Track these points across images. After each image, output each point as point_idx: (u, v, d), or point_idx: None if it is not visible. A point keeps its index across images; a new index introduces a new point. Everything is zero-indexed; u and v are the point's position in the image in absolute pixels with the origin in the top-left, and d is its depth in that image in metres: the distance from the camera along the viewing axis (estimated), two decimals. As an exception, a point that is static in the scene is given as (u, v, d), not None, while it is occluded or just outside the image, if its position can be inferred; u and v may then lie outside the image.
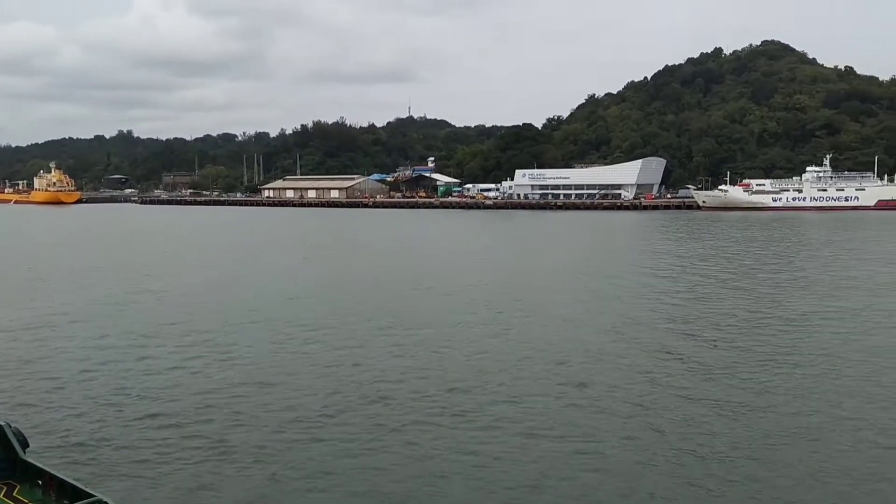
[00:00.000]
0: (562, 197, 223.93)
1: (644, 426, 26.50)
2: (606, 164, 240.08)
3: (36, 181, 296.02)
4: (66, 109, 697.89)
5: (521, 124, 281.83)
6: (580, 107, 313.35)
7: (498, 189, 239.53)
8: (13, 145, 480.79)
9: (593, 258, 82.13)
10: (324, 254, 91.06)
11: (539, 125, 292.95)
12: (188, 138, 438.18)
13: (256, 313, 49.24)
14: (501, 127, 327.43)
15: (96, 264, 78.46)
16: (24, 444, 21.38)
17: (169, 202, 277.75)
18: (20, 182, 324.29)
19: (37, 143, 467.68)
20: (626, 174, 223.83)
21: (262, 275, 69.07)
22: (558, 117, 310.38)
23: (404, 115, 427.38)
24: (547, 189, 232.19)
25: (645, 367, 34.30)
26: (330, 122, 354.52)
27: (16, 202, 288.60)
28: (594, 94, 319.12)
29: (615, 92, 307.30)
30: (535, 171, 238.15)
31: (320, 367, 35.60)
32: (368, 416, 28.43)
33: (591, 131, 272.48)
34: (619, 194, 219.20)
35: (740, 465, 22.93)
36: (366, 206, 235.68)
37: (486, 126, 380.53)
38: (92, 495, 17.26)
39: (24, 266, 77.61)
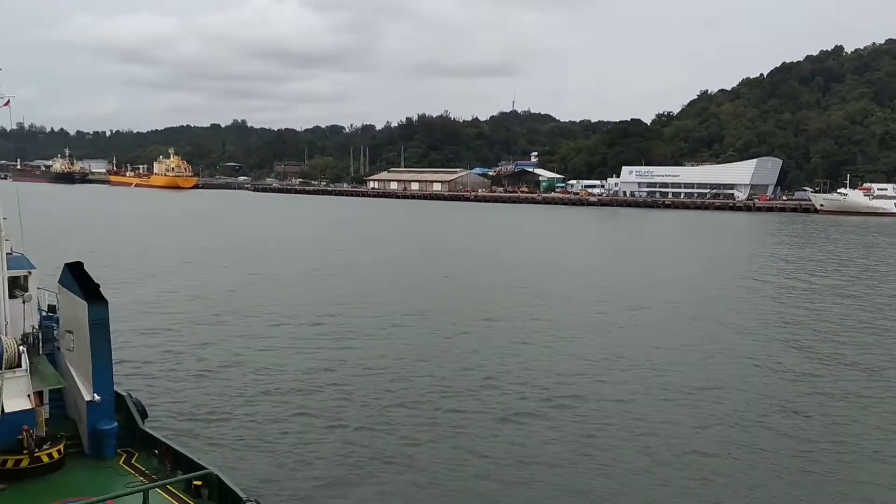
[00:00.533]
0: (670, 195, 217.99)
1: (744, 435, 25.88)
2: (718, 162, 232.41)
3: (155, 166, 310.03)
4: (185, 98, 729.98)
5: (628, 120, 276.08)
6: (692, 103, 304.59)
7: (603, 186, 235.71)
8: (134, 131, 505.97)
9: (703, 261, 79.98)
10: (433, 246, 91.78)
11: (648, 121, 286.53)
12: (298, 129, 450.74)
13: (364, 299, 50.30)
14: (608, 122, 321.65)
15: (215, 246, 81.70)
16: (144, 415, 22.51)
17: (279, 190, 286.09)
18: (141, 166, 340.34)
19: (156, 130, 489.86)
20: (739, 174, 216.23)
21: (371, 264, 70.49)
22: (668, 113, 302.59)
23: (508, 110, 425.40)
24: (655, 187, 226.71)
25: (747, 375, 33.49)
26: (434, 116, 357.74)
27: (136, 185, 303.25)
28: (707, 90, 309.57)
29: (729, 88, 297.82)
30: (643, 169, 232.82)
31: (428, 354, 36.11)
32: (476, 402, 28.71)
33: (703, 128, 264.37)
34: (732, 195, 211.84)
35: (844, 484, 22.07)
36: (467, 199, 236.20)
37: (592, 121, 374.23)
38: (204, 467, 18.02)
39: (150, 245, 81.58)
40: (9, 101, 20.89)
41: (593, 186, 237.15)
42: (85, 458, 19.70)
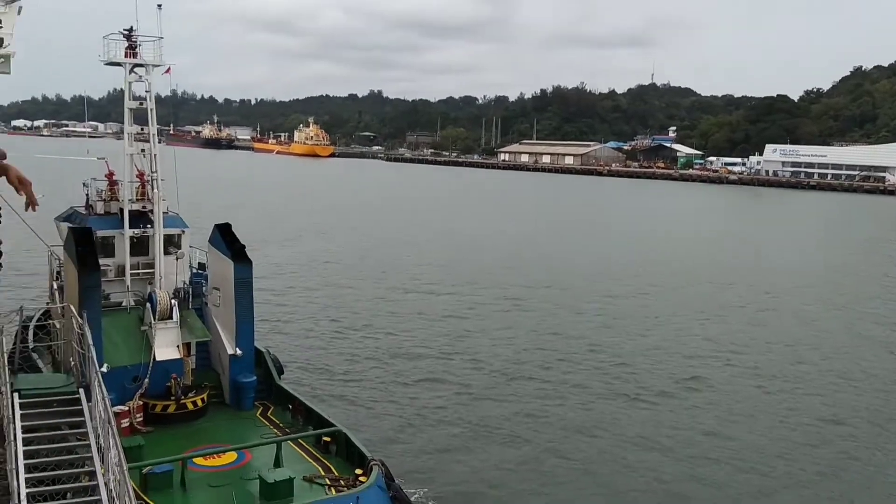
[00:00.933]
0: (816, 176, 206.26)
1: (881, 430, 24.49)
2: (870, 143, 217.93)
3: (296, 134, 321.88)
4: (325, 68, 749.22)
5: (774, 95, 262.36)
6: (844, 79, 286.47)
7: (744, 164, 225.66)
8: (277, 100, 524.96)
9: (848, 247, 75.76)
10: (562, 220, 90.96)
11: (795, 97, 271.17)
12: (432, 100, 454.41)
13: (492, 270, 50.61)
14: (752, 98, 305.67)
15: (348, 214, 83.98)
16: (280, 371, 23.65)
17: (411, 160, 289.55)
18: (282, 134, 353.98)
19: (298, 99, 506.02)
20: (893, 156, 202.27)
21: (499, 236, 70.74)
22: (818, 90, 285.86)
23: (647, 82, 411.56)
24: (800, 167, 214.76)
25: (889, 368, 31.62)
26: (569, 88, 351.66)
27: (277, 153, 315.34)
28: (861, 66, 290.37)
29: (886, 64, 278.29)
30: (788, 147, 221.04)
31: (556, 328, 36.11)
32: (603, 380, 28.59)
33: (855, 106, 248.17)
34: (883, 178, 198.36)
35: None
36: (599, 174, 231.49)
37: (735, 96, 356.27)
38: (333, 425, 18.83)
39: (290, 209, 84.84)
40: (169, 68, 22.21)
41: (734, 164, 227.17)
42: (225, 407, 20.95)
